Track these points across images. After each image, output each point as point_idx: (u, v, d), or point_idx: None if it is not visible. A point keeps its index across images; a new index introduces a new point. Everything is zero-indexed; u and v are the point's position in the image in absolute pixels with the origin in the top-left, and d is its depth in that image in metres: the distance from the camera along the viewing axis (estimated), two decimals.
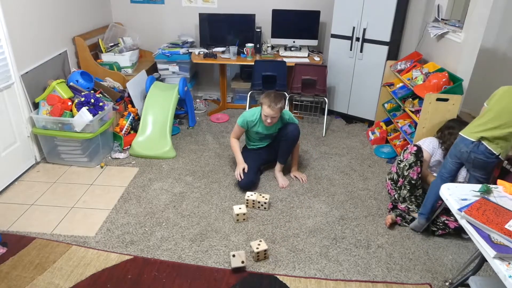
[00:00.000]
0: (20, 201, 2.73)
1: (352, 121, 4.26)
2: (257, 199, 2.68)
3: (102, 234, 2.43)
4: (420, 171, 2.46)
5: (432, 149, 2.60)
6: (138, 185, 2.97)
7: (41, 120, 3.03)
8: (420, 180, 2.50)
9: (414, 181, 2.46)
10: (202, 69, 4.83)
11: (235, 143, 3.07)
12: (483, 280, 1.70)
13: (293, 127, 2.93)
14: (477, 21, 2.74)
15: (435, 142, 2.62)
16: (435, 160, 2.59)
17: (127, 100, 3.76)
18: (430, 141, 2.63)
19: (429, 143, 2.62)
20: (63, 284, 2.03)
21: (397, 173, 2.55)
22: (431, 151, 2.60)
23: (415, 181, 2.46)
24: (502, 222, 1.44)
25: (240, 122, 2.99)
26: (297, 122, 3.01)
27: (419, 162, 2.46)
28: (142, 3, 4.50)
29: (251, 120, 2.96)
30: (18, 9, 2.96)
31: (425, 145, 2.62)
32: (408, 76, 3.25)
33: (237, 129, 3.06)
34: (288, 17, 4.16)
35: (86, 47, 3.76)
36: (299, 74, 3.85)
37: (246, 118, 2.97)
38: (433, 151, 2.60)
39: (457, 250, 2.36)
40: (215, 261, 2.22)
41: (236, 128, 3.06)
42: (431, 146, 2.61)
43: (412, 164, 2.46)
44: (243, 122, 2.98)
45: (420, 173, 2.47)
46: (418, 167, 2.45)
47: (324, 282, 2.09)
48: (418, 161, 2.46)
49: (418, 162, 2.45)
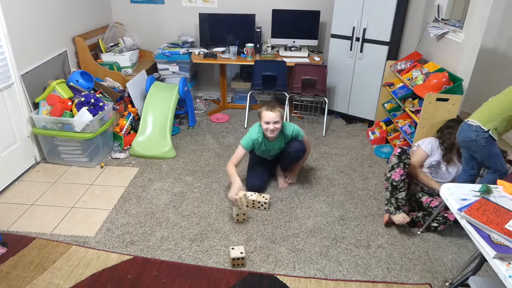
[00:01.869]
0: (20, 201, 2.73)
1: (352, 121, 4.26)
2: (257, 199, 2.67)
3: (102, 234, 2.43)
4: (403, 173, 2.41)
5: (430, 149, 2.59)
6: (138, 185, 2.97)
7: (41, 120, 3.03)
8: (403, 182, 2.43)
9: (396, 183, 2.42)
10: (202, 69, 4.83)
11: (233, 171, 2.67)
12: (483, 280, 1.70)
13: (298, 147, 2.77)
14: (477, 21, 2.74)
15: (434, 142, 2.62)
16: (434, 161, 2.58)
17: (127, 100, 3.76)
18: (430, 141, 2.62)
19: (428, 143, 2.61)
20: (63, 284, 2.03)
21: (385, 174, 2.56)
22: (429, 151, 2.59)
23: (396, 183, 2.42)
24: (502, 222, 1.44)
25: (245, 143, 2.72)
26: (303, 136, 2.85)
27: (402, 164, 2.42)
28: (142, 3, 4.50)
29: (256, 138, 2.73)
30: (18, 9, 2.96)
31: (424, 145, 2.61)
32: (408, 76, 3.25)
33: (239, 153, 2.73)
34: (288, 17, 4.16)
35: (86, 47, 3.76)
36: (299, 74, 3.85)
37: (251, 137, 2.73)
38: (431, 152, 2.59)
39: (457, 250, 2.36)
40: (215, 261, 2.22)
41: (239, 152, 2.73)
42: (429, 146, 2.60)
43: (394, 166, 2.44)
44: (248, 141, 2.72)
45: (403, 175, 2.42)
46: (400, 169, 2.41)
47: (324, 282, 2.09)
48: (401, 163, 2.42)
49: (401, 164, 2.42)
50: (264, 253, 2.30)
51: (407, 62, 3.46)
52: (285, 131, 2.80)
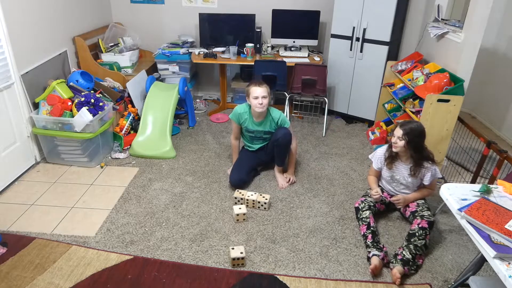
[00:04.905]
0: (20, 201, 2.73)
1: (352, 121, 4.26)
2: (257, 199, 2.68)
3: (102, 234, 2.43)
4: (364, 226, 2.40)
5: (377, 162, 2.59)
6: (138, 185, 2.97)
7: (41, 120, 3.03)
8: (370, 229, 2.37)
9: (365, 233, 2.38)
10: (202, 69, 4.83)
11: (234, 145, 3.14)
12: (483, 280, 1.70)
13: (284, 132, 2.88)
14: (477, 21, 2.73)
15: (383, 154, 2.57)
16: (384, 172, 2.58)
17: (127, 100, 3.76)
18: (379, 156, 2.59)
19: (377, 158, 2.59)
20: (63, 284, 2.03)
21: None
22: (376, 165, 2.60)
23: (365, 233, 2.38)
24: (502, 222, 1.44)
25: (231, 116, 3.02)
26: (289, 124, 2.98)
27: (360, 221, 2.45)
28: (142, 3, 4.50)
29: (241, 112, 2.97)
30: (18, 9, 2.96)
31: (374, 159, 2.62)
32: (409, 77, 3.25)
33: (233, 126, 3.09)
34: (288, 17, 4.16)
35: (86, 47, 3.76)
36: (299, 74, 3.85)
37: (236, 110, 2.99)
38: (379, 165, 2.59)
39: (457, 250, 2.36)
40: (215, 261, 2.22)
41: (232, 125, 3.10)
42: (377, 161, 2.59)
43: (358, 223, 2.50)
44: (234, 114, 3.00)
45: (366, 226, 2.40)
46: (363, 225, 2.42)
47: (324, 282, 2.09)
48: (359, 220, 2.47)
49: (360, 222, 2.46)
50: (264, 253, 2.30)
51: (408, 62, 3.46)
52: (272, 114, 2.95)
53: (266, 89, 2.82)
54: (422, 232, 2.23)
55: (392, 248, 2.35)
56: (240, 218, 2.56)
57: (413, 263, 2.16)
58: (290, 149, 3.01)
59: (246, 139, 3.15)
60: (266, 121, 2.96)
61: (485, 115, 4.31)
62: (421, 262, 2.22)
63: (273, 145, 2.96)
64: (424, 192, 2.51)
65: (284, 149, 2.97)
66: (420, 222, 2.28)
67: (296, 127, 4.08)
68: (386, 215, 2.66)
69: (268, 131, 2.99)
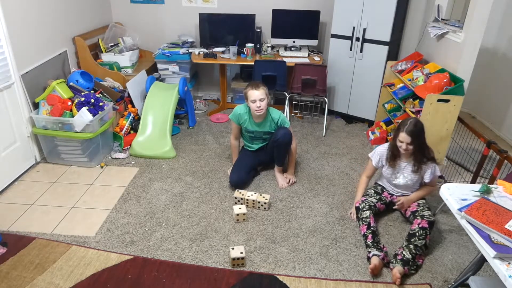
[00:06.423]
0: (20, 201, 2.73)
1: (352, 121, 4.26)
2: (257, 199, 2.68)
3: (102, 234, 2.43)
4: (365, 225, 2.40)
5: (378, 161, 2.59)
6: (138, 185, 2.97)
7: (41, 120, 3.03)
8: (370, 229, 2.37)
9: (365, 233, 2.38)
10: (202, 69, 4.83)
11: (234, 145, 3.14)
12: (483, 280, 1.70)
13: (284, 132, 2.87)
14: (477, 21, 2.74)
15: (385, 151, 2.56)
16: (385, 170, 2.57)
17: (127, 100, 3.76)
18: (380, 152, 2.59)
19: (377, 155, 2.59)
20: (63, 284, 2.03)
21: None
22: (376, 163, 2.60)
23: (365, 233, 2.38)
24: (502, 222, 1.44)
25: (231, 116, 3.02)
26: (289, 125, 2.97)
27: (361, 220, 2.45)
28: (142, 3, 4.50)
29: (241, 113, 2.96)
30: (18, 9, 2.96)
31: (374, 156, 2.62)
32: (409, 77, 3.25)
33: (233, 127, 3.08)
34: (288, 17, 4.16)
35: (86, 47, 3.76)
36: (299, 74, 3.85)
37: (236, 111, 2.98)
38: (379, 163, 2.59)
39: (457, 250, 2.36)
40: (215, 261, 2.22)
41: (232, 126, 3.09)
42: (377, 158, 2.59)
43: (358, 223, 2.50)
44: (233, 115, 2.99)
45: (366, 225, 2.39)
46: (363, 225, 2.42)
47: (324, 282, 2.09)
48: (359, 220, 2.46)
49: (360, 222, 2.46)
50: (264, 253, 2.30)
51: (408, 62, 3.46)
52: (272, 114, 2.94)
53: (264, 90, 2.79)
54: (422, 232, 2.23)
55: (392, 248, 2.35)
56: (240, 218, 2.56)
57: (413, 263, 2.16)
58: (290, 149, 3.01)
59: (246, 139, 3.15)
60: (266, 122, 2.96)
61: (485, 115, 4.31)
62: (421, 262, 2.22)
63: (273, 145, 2.96)
64: (426, 190, 2.52)
65: (284, 149, 2.96)
66: (421, 222, 2.28)
67: (296, 127, 4.09)
68: (386, 215, 2.66)
69: (268, 132, 2.99)
